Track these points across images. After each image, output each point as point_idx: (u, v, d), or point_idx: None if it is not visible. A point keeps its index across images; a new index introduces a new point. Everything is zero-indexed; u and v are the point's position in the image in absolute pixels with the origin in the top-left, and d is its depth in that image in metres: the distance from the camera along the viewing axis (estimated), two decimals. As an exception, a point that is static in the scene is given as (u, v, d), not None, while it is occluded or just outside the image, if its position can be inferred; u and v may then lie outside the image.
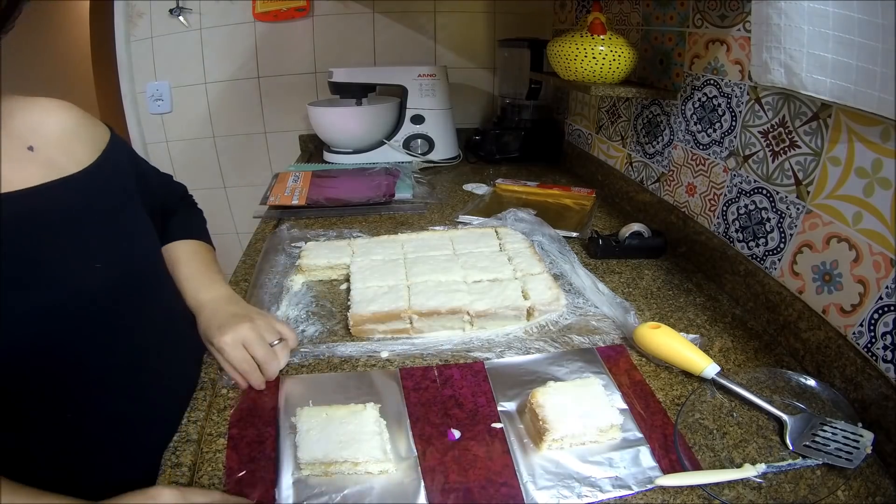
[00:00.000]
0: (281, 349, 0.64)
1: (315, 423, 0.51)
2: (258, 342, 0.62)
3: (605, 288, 0.78)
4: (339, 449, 0.48)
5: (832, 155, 0.62)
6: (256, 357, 0.62)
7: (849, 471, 0.49)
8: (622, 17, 1.12)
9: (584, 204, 1.16)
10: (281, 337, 0.65)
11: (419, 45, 1.59)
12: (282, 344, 0.64)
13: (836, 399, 0.56)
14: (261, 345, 0.62)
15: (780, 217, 0.72)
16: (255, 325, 0.64)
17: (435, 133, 1.43)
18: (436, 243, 0.87)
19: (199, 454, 0.52)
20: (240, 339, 0.62)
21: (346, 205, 1.11)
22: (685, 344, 0.62)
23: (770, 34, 0.60)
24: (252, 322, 0.64)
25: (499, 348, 0.67)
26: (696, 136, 0.90)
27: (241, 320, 0.64)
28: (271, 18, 1.51)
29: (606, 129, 1.25)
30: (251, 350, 0.62)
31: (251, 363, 0.62)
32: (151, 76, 1.55)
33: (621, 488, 0.47)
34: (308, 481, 0.48)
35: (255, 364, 0.62)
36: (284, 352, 0.65)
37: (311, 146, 1.64)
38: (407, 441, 0.53)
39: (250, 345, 0.62)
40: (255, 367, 0.62)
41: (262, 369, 0.62)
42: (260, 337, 0.63)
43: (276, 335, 0.65)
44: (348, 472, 0.49)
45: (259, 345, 0.62)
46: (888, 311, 0.54)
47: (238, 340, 0.62)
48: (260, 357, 0.62)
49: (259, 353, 0.62)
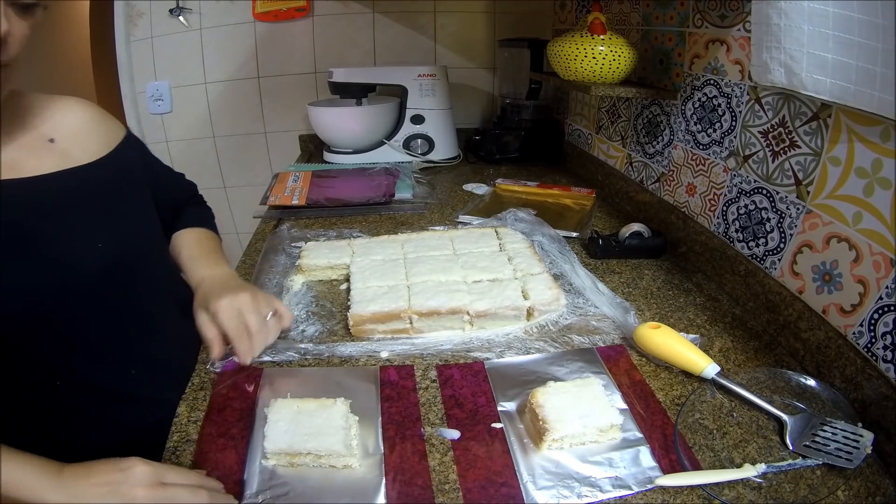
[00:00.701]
0: (274, 323, 0.65)
1: (285, 415, 0.52)
2: (253, 311, 0.63)
3: (605, 288, 0.78)
4: (304, 441, 0.49)
5: (832, 155, 0.62)
6: (249, 325, 0.62)
7: (849, 471, 0.49)
8: (622, 17, 1.12)
9: (584, 204, 1.16)
10: (276, 311, 0.65)
11: (419, 45, 1.59)
12: (275, 318, 0.65)
13: (836, 399, 0.56)
14: (255, 314, 0.63)
15: (780, 217, 0.72)
16: (254, 295, 0.65)
17: (435, 133, 1.43)
18: (436, 243, 0.87)
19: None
20: (236, 305, 0.63)
21: (346, 205, 1.11)
22: (685, 344, 0.62)
23: (770, 34, 0.60)
24: (251, 293, 0.65)
25: (499, 348, 0.67)
26: (696, 136, 0.90)
27: (241, 290, 0.65)
28: (271, 18, 1.50)
29: (606, 129, 1.25)
30: (245, 317, 0.62)
31: (241, 330, 0.62)
32: (151, 76, 1.55)
33: (621, 488, 0.47)
34: (275, 471, 0.49)
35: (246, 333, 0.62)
36: (277, 328, 0.65)
37: (311, 146, 1.64)
38: (375, 438, 0.53)
39: (245, 312, 0.62)
40: (245, 335, 0.62)
41: (251, 339, 0.62)
42: (256, 307, 0.64)
43: (271, 308, 0.65)
44: (312, 465, 0.50)
45: (254, 313, 0.63)
46: (888, 311, 0.54)
47: (235, 306, 0.63)
48: (252, 325, 0.62)
49: (252, 321, 0.62)
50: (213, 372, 0.62)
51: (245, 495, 0.47)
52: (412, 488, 0.48)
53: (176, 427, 0.55)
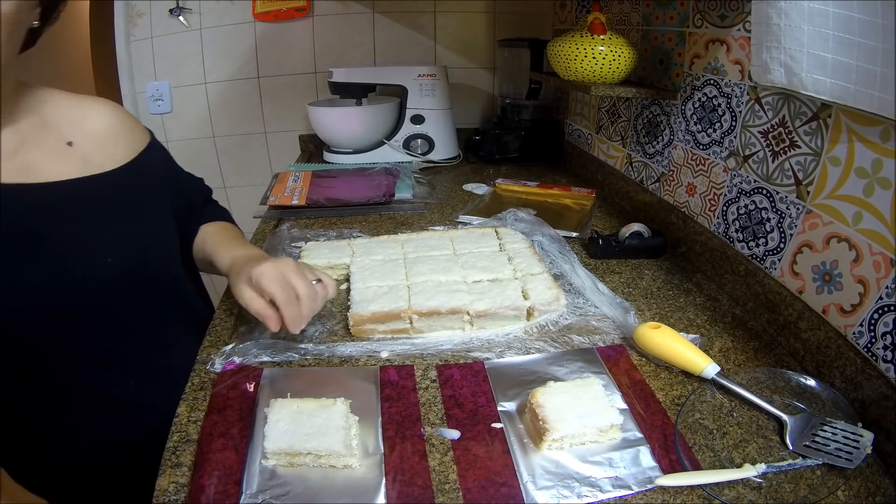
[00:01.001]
0: (321, 289, 0.62)
1: (285, 415, 0.52)
2: (300, 276, 0.60)
3: (605, 288, 0.78)
4: (303, 441, 0.49)
5: (832, 155, 0.62)
6: (298, 290, 0.59)
7: (849, 471, 0.49)
8: (622, 17, 1.12)
9: (584, 204, 1.16)
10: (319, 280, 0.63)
11: (419, 45, 1.59)
12: (322, 284, 0.62)
13: (836, 399, 0.56)
14: (303, 278, 0.60)
15: (780, 217, 0.72)
16: (297, 264, 0.62)
17: (435, 133, 1.43)
18: (436, 243, 0.87)
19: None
20: (281, 269, 0.59)
21: (346, 205, 1.11)
22: (685, 344, 0.62)
23: (770, 34, 0.60)
24: (294, 262, 0.63)
25: (499, 348, 0.67)
26: (696, 136, 0.90)
27: (282, 259, 0.62)
28: (271, 18, 1.51)
29: (606, 129, 1.25)
30: (293, 282, 0.59)
31: (290, 295, 0.58)
32: (151, 76, 1.55)
33: (621, 488, 0.47)
34: (275, 471, 0.49)
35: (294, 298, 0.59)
36: (324, 294, 0.62)
37: (311, 146, 1.64)
38: (375, 438, 0.53)
39: (292, 277, 0.59)
40: (294, 301, 0.58)
41: (301, 305, 0.59)
42: (301, 271, 0.61)
43: (315, 276, 0.63)
44: (312, 465, 0.49)
45: (301, 278, 0.60)
46: (888, 311, 0.54)
47: (279, 269, 0.59)
48: (302, 290, 0.59)
49: (300, 284, 0.59)
50: (212, 372, 0.62)
51: (245, 495, 0.47)
52: (412, 488, 0.47)
53: (176, 427, 0.55)
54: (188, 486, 0.48)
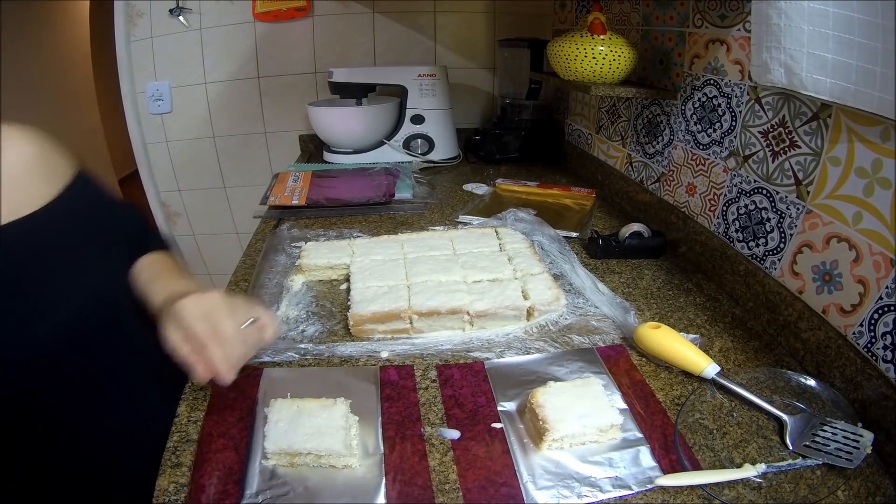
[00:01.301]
0: (252, 333, 0.53)
1: (285, 415, 0.52)
2: (228, 315, 0.51)
3: (605, 288, 0.78)
4: (304, 441, 0.49)
5: (832, 155, 0.62)
6: (221, 329, 0.50)
7: (849, 471, 0.49)
8: (622, 17, 1.12)
9: (584, 204, 1.16)
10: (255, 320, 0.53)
11: (419, 45, 1.59)
12: (254, 327, 0.53)
13: (836, 399, 0.56)
14: (230, 318, 0.51)
15: (780, 217, 0.72)
16: (231, 299, 0.54)
17: (435, 133, 1.43)
18: (436, 243, 0.87)
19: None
20: (205, 304, 0.51)
21: (346, 205, 1.11)
22: (685, 344, 0.62)
23: (770, 34, 0.60)
24: (224, 294, 0.54)
25: (499, 348, 0.67)
26: (696, 136, 0.90)
27: (213, 292, 0.54)
28: (271, 18, 1.51)
29: (606, 129, 1.25)
30: (215, 318, 0.50)
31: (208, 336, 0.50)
32: (151, 76, 1.55)
33: (621, 488, 0.47)
34: (275, 471, 0.49)
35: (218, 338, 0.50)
36: (254, 338, 0.54)
37: (311, 146, 1.64)
38: (375, 438, 0.53)
39: (215, 312, 0.51)
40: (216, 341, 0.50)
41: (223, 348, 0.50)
42: (230, 308, 0.52)
43: (252, 315, 0.53)
44: (313, 465, 0.50)
45: (228, 318, 0.51)
46: (888, 311, 0.54)
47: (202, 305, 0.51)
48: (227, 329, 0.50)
49: (227, 326, 0.51)
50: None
51: (245, 495, 0.47)
52: (412, 488, 0.48)
53: (176, 427, 0.55)
54: (188, 486, 0.48)
